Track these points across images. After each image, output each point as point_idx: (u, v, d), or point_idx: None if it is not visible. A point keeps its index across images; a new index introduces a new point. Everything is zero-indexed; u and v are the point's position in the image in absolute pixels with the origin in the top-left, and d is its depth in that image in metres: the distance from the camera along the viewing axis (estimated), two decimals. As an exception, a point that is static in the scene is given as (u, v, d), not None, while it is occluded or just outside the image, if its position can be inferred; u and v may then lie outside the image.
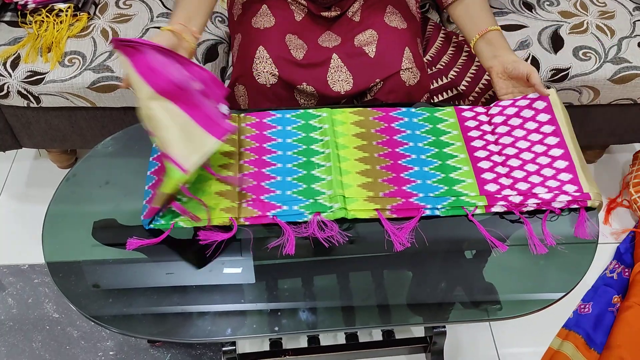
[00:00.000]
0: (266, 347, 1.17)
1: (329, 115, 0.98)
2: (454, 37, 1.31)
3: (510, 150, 0.94)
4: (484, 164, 0.93)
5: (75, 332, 1.26)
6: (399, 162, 0.93)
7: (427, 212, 0.87)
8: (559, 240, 0.85)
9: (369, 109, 1.01)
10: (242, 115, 1.00)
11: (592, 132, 1.41)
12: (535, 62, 1.24)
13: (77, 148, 1.54)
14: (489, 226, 0.87)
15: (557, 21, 1.32)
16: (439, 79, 1.23)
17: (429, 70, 1.23)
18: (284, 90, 1.06)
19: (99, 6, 1.31)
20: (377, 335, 1.22)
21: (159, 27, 1.27)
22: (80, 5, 1.26)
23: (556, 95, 0.99)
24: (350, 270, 0.85)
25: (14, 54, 1.20)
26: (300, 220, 0.86)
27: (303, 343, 1.20)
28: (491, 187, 0.90)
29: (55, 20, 1.24)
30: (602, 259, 1.40)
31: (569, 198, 0.88)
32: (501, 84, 1.03)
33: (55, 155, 1.54)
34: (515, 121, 0.98)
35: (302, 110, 1.00)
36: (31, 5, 1.24)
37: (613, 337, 1.22)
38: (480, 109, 1.02)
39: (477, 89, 1.22)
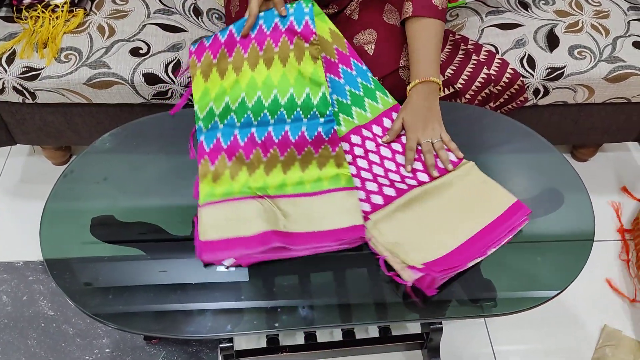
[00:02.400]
0: (263, 344, 1.17)
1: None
2: (450, 35, 1.32)
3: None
4: None
5: (70, 330, 1.26)
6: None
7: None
8: (556, 238, 0.86)
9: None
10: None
11: (586, 131, 1.42)
12: (531, 61, 1.25)
13: (71, 144, 1.53)
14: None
15: (553, 20, 1.32)
16: (435, 77, 1.23)
17: (425, 68, 1.23)
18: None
19: (95, 2, 1.30)
20: (373, 332, 1.23)
21: (156, 24, 1.27)
22: (76, 1, 1.26)
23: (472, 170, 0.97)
24: (347, 267, 0.86)
25: (9, 50, 1.19)
26: None
27: (300, 340, 1.21)
28: None
29: (51, 16, 1.23)
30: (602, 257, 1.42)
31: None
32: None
33: (49, 151, 1.54)
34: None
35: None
36: (27, 1, 1.24)
37: None
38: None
39: (473, 87, 1.23)
